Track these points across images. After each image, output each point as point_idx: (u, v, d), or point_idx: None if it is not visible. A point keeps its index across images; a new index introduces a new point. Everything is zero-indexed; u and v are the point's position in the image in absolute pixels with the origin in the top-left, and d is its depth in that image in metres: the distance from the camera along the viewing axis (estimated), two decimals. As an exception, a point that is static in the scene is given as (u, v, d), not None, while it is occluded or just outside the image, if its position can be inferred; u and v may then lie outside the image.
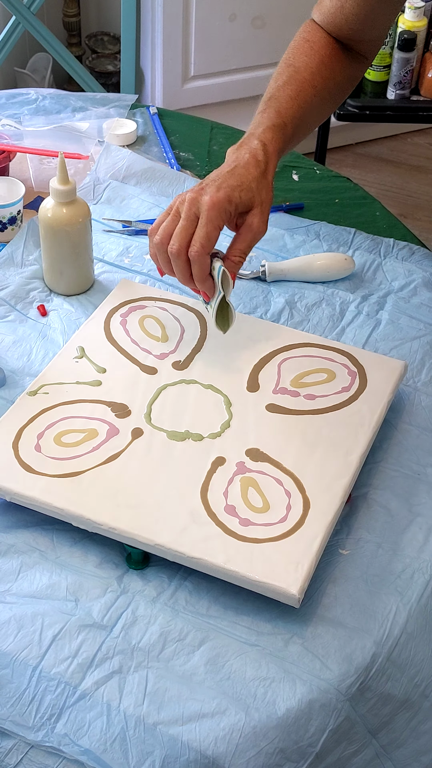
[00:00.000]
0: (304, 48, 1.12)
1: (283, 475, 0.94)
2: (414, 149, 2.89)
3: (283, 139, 1.05)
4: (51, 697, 0.81)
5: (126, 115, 1.47)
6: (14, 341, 1.11)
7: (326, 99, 1.12)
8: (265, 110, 1.06)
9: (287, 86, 1.08)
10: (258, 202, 1.00)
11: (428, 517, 0.95)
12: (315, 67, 1.10)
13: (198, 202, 0.97)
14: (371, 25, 1.12)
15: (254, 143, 1.02)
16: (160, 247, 0.99)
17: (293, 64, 1.10)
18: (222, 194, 0.97)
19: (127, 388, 1.02)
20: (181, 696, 0.81)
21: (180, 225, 0.97)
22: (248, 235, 1.00)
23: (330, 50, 1.12)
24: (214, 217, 0.97)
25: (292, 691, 0.81)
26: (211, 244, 0.97)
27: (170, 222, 0.99)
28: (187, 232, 0.97)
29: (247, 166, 1.00)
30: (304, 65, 1.10)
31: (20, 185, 1.25)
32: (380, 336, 1.13)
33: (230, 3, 2.51)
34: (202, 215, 0.97)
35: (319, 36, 1.13)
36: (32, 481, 0.92)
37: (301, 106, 1.07)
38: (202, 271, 0.98)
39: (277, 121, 1.05)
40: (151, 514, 0.89)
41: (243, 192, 0.99)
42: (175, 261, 0.98)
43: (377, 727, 0.84)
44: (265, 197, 1.00)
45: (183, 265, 0.98)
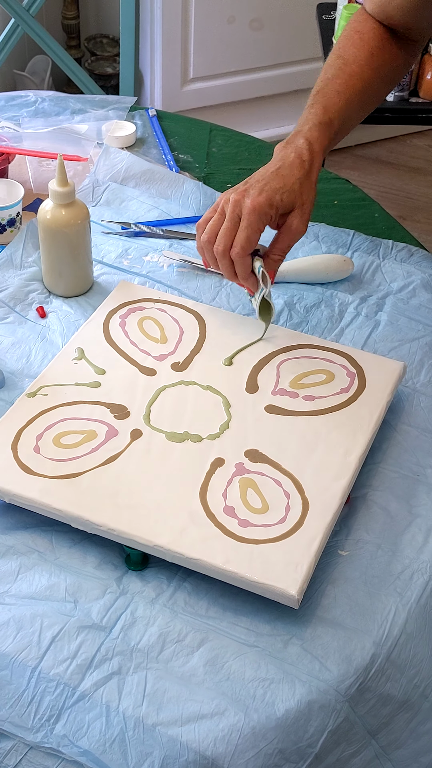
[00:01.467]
0: (353, 39, 1.13)
1: (282, 476, 0.94)
2: (413, 151, 2.90)
3: (328, 137, 1.07)
4: (50, 698, 0.81)
5: (125, 117, 1.47)
6: (13, 343, 1.11)
7: (375, 90, 1.13)
8: (313, 105, 1.08)
9: (335, 79, 1.10)
10: (299, 204, 1.03)
11: (427, 518, 0.95)
12: (364, 59, 1.11)
13: (241, 204, 1.02)
14: (422, 14, 1.12)
15: (300, 142, 1.05)
16: (207, 246, 1.04)
17: (342, 56, 1.12)
18: (263, 198, 1.01)
19: (126, 390, 1.02)
20: (180, 697, 0.81)
21: (224, 226, 1.02)
22: (288, 236, 1.05)
23: (380, 41, 1.13)
24: (255, 221, 1.01)
25: (291, 691, 0.81)
26: (251, 247, 1.02)
27: (216, 221, 1.04)
28: (230, 233, 1.02)
29: (292, 167, 1.03)
30: (353, 57, 1.11)
31: (19, 187, 1.25)
32: (379, 337, 1.13)
33: (229, 5, 2.51)
34: (244, 218, 1.01)
35: (369, 26, 1.14)
36: (31, 482, 0.92)
37: (349, 99, 1.09)
38: (244, 270, 1.04)
39: (324, 118, 1.07)
40: (150, 515, 0.90)
41: (285, 194, 1.02)
42: (221, 260, 1.04)
43: (376, 727, 0.84)
44: (306, 198, 1.04)
45: (228, 264, 1.04)
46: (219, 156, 1.44)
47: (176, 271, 1.21)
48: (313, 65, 2.50)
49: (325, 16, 2.21)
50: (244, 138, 1.48)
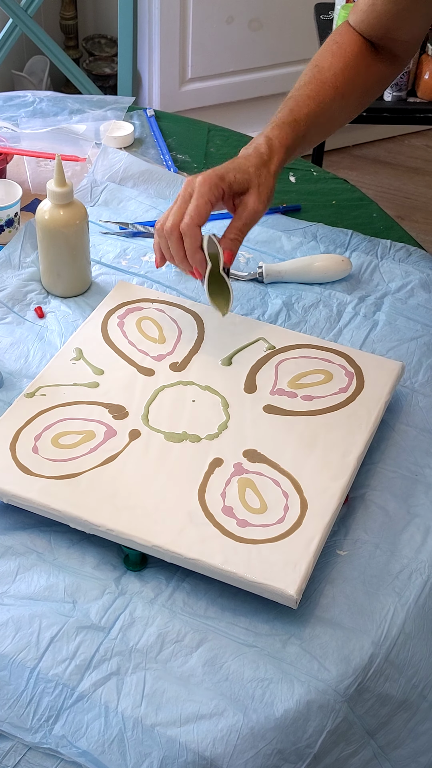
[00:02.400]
0: (332, 49, 1.14)
1: (280, 476, 0.94)
2: (411, 151, 2.90)
3: (293, 136, 1.07)
4: (49, 699, 0.81)
5: (123, 117, 1.47)
6: (11, 343, 1.11)
7: (349, 100, 1.13)
8: (281, 110, 1.09)
9: (307, 86, 1.10)
10: (255, 184, 1.03)
11: (426, 517, 0.95)
12: (339, 68, 1.12)
13: (192, 183, 1.02)
14: (404, 24, 1.12)
15: (260, 140, 1.06)
16: (159, 232, 1.02)
17: (318, 65, 1.12)
18: (214, 173, 1.01)
19: (125, 390, 1.02)
20: (179, 697, 0.81)
21: (176, 205, 1.02)
22: (243, 213, 1.03)
23: (357, 51, 1.13)
24: (206, 192, 1.00)
25: (290, 692, 0.81)
26: (201, 217, 1.00)
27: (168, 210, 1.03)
28: (180, 210, 1.01)
29: (248, 157, 1.04)
30: (329, 65, 1.12)
31: (17, 187, 1.25)
32: (377, 337, 1.13)
33: (227, 5, 2.51)
34: (194, 192, 1.01)
35: (348, 38, 1.14)
36: (30, 482, 0.92)
37: (319, 105, 1.09)
38: (192, 243, 1.00)
39: (288, 118, 1.07)
40: (149, 516, 0.89)
41: (239, 173, 1.02)
42: (170, 238, 1.01)
43: (375, 727, 0.84)
44: (263, 181, 1.03)
45: (176, 242, 1.01)
46: (217, 156, 1.44)
47: (174, 271, 1.21)
48: (311, 65, 2.50)
49: (323, 16, 2.21)
50: (243, 138, 1.48)
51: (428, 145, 2.92)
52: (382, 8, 1.11)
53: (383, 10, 1.11)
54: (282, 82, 2.67)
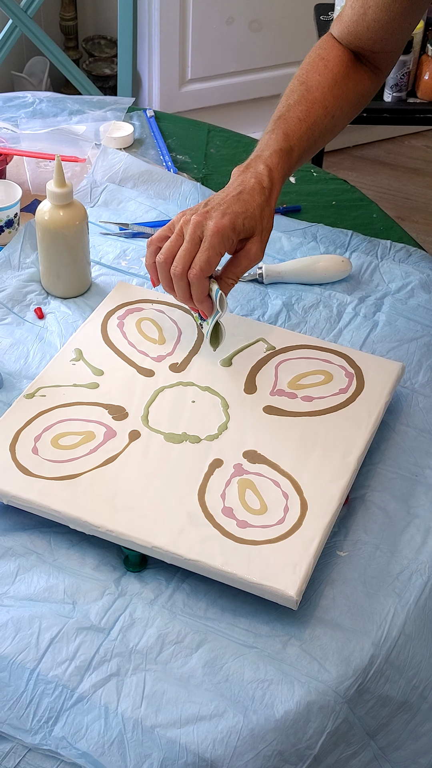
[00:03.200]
0: (318, 66, 1.13)
1: (280, 476, 0.94)
2: (411, 152, 2.90)
3: (288, 164, 1.06)
4: (48, 700, 0.81)
5: (123, 118, 1.47)
6: (11, 344, 1.11)
7: (337, 118, 1.12)
8: (274, 131, 1.07)
9: (298, 106, 1.09)
10: (259, 230, 1.02)
11: (426, 518, 0.95)
12: (327, 86, 1.11)
13: (203, 226, 0.99)
14: (392, 34, 1.12)
15: (260, 168, 1.04)
16: (164, 266, 1.01)
17: (306, 83, 1.11)
18: (227, 221, 0.99)
19: (125, 391, 1.02)
20: (178, 698, 0.81)
21: (184, 247, 0.99)
22: (245, 261, 1.02)
23: (344, 68, 1.13)
24: (217, 244, 0.98)
25: (290, 693, 0.81)
26: (210, 269, 0.99)
27: (174, 242, 1.01)
28: (190, 255, 0.99)
29: (252, 193, 1.02)
30: (317, 84, 1.11)
31: (17, 188, 1.25)
32: (377, 338, 1.13)
33: (227, 6, 2.51)
34: (205, 240, 0.98)
35: (334, 53, 1.13)
36: (29, 483, 0.92)
37: (310, 127, 1.08)
38: (201, 292, 1.00)
39: (285, 144, 1.06)
40: (149, 517, 0.89)
41: (247, 219, 1.00)
42: (177, 282, 1.00)
43: (375, 729, 0.84)
44: (266, 225, 1.03)
45: (184, 286, 1.00)
46: (217, 157, 1.44)
47: (174, 272, 1.21)
48: (311, 66, 2.49)
49: (322, 16, 2.21)
50: (242, 139, 1.48)
51: (428, 145, 2.92)
52: (374, 17, 1.10)
53: (374, 18, 1.10)
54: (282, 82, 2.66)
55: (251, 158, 1.06)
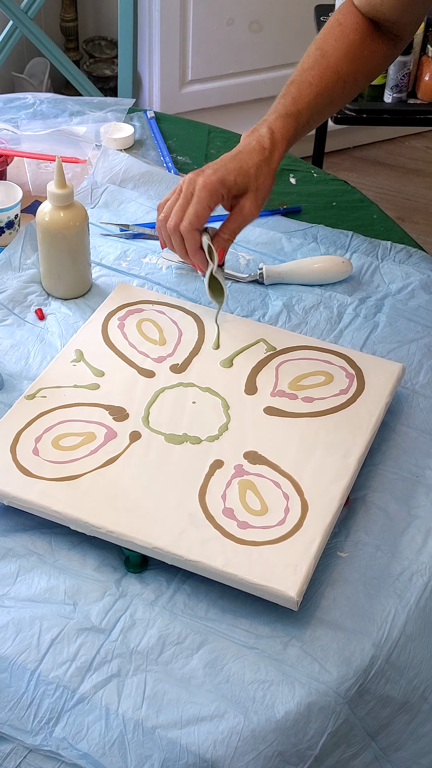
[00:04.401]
0: (334, 32, 1.13)
1: (281, 477, 0.94)
2: (411, 152, 2.90)
3: (295, 127, 1.08)
4: (49, 701, 0.81)
5: (123, 119, 1.47)
6: (12, 345, 1.11)
7: (350, 84, 1.13)
8: (284, 96, 1.10)
9: (310, 71, 1.11)
10: (253, 188, 1.05)
11: (427, 519, 0.95)
12: (342, 52, 1.12)
13: (194, 182, 1.04)
14: (408, 9, 1.12)
15: (263, 130, 1.07)
16: (163, 223, 1.07)
17: (321, 48, 1.12)
18: (216, 177, 1.03)
19: (125, 392, 1.02)
20: (179, 699, 0.81)
21: (177, 203, 1.05)
22: (238, 217, 1.06)
23: (360, 35, 1.13)
24: (205, 197, 1.03)
25: (290, 694, 0.81)
26: (199, 221, 1.04)
27: (173, 200, 1.06)
28: (182, 210, 1.04)
29: (251, 153, 1.05)
30: (332, 49, 1.12)
31: (18, 189, 1.25)
32: (378, 338, 1.13)
33: (228, 7, 2.51)
34: (195, 194, 1.04)
35: (352, 19, 1.14)
36: (30, 484, 0.92)
37: (321, 92, 1.10)
38: (192, 245, 1.05)
39: (292, 108, 1.08)
40: (150, 517, 0.89)
41: (239, 176, 1.04)
42: (172, 235, 1.06)
43: (376, 729, 0.84)
44: (261, 183, 1.06)
45: (178, 240, 1.06)
46: (217, 157, 1.43)
47: (175, 273, 1.21)
48: (312, 67, 2.49)
49: (323, 17, 2.21)
50: (243, 140, 1.48)
51: (428, 146, 2.92)
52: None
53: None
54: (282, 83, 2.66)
55: (259, 122, 1.08)
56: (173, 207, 1.06)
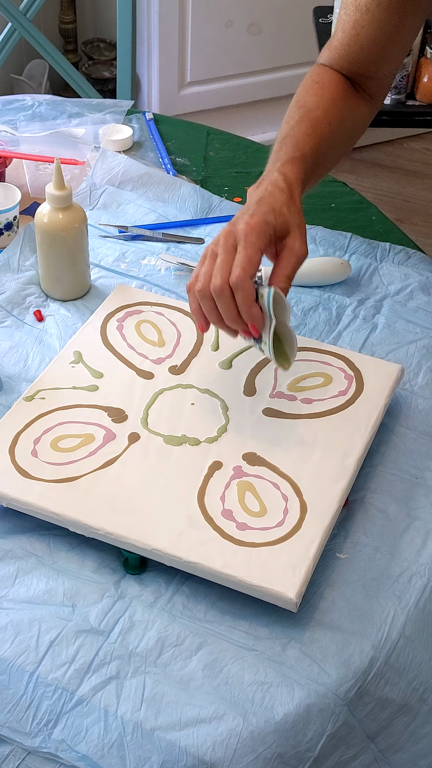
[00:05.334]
0: (313, 89, 1.09)
1: (280, 479, 0.94)
2: (410, 154, 2.90)
3: (303, 170, 1.00)
4: (48, 703, 0.81)
5: (122, 120, 1.47)
6: (11, 347, 1.11)
7: (340, 138, 1.08)
8: (281, 148, 1.01)
9: (301, 124, 1.04)
10: (294, 225, 0.94)
11: (426, 520, 0.94)
12: (327, 105, 1.07)
13: (234, 233, 0.92)
14: (386, 54, 1.09)
15: (274, 176, 0.98)
16: (204, 293, 0.91)
17: (304, 105, 1.06)
18: (258, 218, 0.92)
19: (124, 393, 1.02)
20: (178, 701, 0.81)
21: (220, 260, 0.90)
22: (291, 258, 0.94)
23: (340, 89, 1.09)
24: (255, 240, 0.90)
25: (290, 695, 0.81)
26: (253, 267, 0.90)
27: (208, 264, 0.92)
28: (227, 265, 0.90)
29: (273, 195, 0.95)
30: (316, 104, 1.07)
31: (16, 191, 1.25)
32: (377, 340, 1.13)
33: (226, 9, 2.52)
34: (240, 241, 0.90)
35: (328, 76, 1.10)
36: (29, 486, 0.92)
37: (318, 141, 1.03)
38: (247, 297, 0.89)
39: (296, 153, 1.00)
40: (148, 519, 0.89)
41: (277, 216, 0.93)
42: (219, 297, 0.89)
43: (375, 731, 0.84)
44: (299, 220, 0.95)
45: (228, 301, 0.90)
46: (216, 159, 1.44)
47: (174, 275, 1.21)
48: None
49: (321, 19, 2.21)
50: (242, 141, 1.48)
51: (427, 148, 2.92)
52: (367, 36, 1.07)
53: (368, 38, 1.07)
54: (281, 85, 2.67)
55: (263, 174, 0.99)
56: (210, 271, 0.91)
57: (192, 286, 0.93)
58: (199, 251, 1.25)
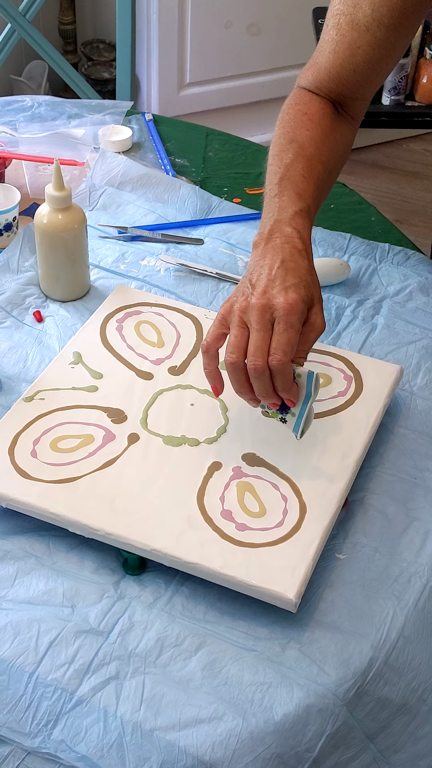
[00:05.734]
0: (303, 121, 1.05)
1: (279, 479, 0.94)
2: (409, 155, 2.90)
3: (311, 222, 0.97)
4: (48, 704, 0.81)
5: (121, 121, 1.47)
6: (10, 347, 1.11)
7: (332, 171, 1.06)
8: (283, 193, 0.97)
9: (296, 164, 1.00)
10: (317, 299, 0.92)
11: (425, 521, 0.95)
12: (318, 139, 1.03)
13: (271, 308, 0.88)
14: (377, 75, 1.06)
15: (287, 230, 0.94)
16: (238, 366, 0.89)
17: (296, 140, 1.02)
18: (296, 295, 0.89)
19: (124, 394, 1.02)
20: (178, 701, 0.81)
21: (256, 336, 0.88)
22: (312, 334, 0.92)
23: (329, 120, 1.06)
24: (295, 322, 0.88)
25: (289, 696, 0.81)
26: (293, 350, 0.88)
27: (240, 336, 0.90)
28: (266, 344, 0.88)
29: (294, 259, 0.92)
30: (308, 140, 1.03)
31: (16, 192, 1.25)
32: (376, 340, 1.13)
33: (226, 10, 2.52)
34: (281, 321, 0.88)
35: (315, 106, 1.07)
36: (28, 487, 0.92)
37: (316, 184, 1.00)
38: (288, 380, 0.89)
39: (302, 205, 0.97)
40: (148, 520, 0.89)
41: (306, 289, 0.90)
42: (259, 377, 0.88)
43: (375, 731, 0.84)
44: (319, 292, 0.93)
45: (266, 381, 0.89)
46: (215, 160, 1.44)
47: (173, 275, 1.22)
48: (310, 69, 2.50)
49: (320, 20, 2.21)
50: (241, 142, 1.49)
51: (426, 149, 2.92)
52: (363, 57, 1.03)
53: (364, 59, 1.03)
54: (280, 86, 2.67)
55: (271, 224, 0.95)
56: (243, 344, 0.89)
57: (210, 347, 0.92)
58: (198, 252, 1.25)
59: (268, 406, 0.92)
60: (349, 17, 1.02)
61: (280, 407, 0.92)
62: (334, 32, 1.04)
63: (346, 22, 1.03)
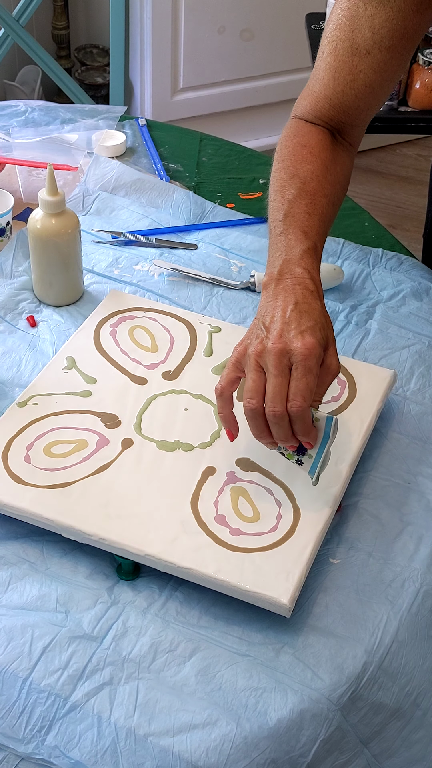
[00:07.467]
0: (303, 155, 1.02)
1: (273, 484, 0.94)
2: (402, 160, 2.91)
3: (318, 264, 0.96)
4: (41, 709, 0.81)
5: (115, 126, 1.47)
6: (3, 352, 1.11)
7: (335, 204, 1.04)
8: (289, 231, 0.96)
9: (300, 201, 0.98)
10: (332, 341, 0.91)
11: (419, 525, 0.95)
12: (320, 173, 1.01)
13: (289, 352, 0.87)
14: (377, 100, 1.05)
15: (297, 271, 0.93)
16: (257, 412, 0.88)
17: (297, 174, 1.00)
18: (313, 339, 0.88)
19: (117, 399, 1.02)
20: (172, 707, 0.81)
21: (275, 383, 0.87)
22: (327, 377, 0.90)
23: (329, 152, 1.04)
24: (313, 366, 0.87)
25: (283, 701, 0.81)
26: (312, 395, 0.88)
27: (257, 380, 0.88)
28: (284, 389, 0.87)
29: (307, 301, 0.91)
30: (310, 174, 1.01)
31: (9, 197, 1.25)
32: (369, 345, 1.14)
33: (219, 15, 2.52)
34: (299, 366, 0.87)
35: (315, 138, 1.04)
36: (22, 492, 0.92)
37: (321, 219, 0.99)
38: (307, 425, 0.89)
39: (309, 243, 0.95)
40: (142, 525, 0.89)
41: (322, 331, 0.90)
42: (278, 422, 0.88)
43: (369, 736, 0.84)
44: (333, 334, 0.92)
45: (286, 426, 0.88)
46: (209, 165, 1.44)
47: (167, 280, 1.22)
48: (303, 75, 2.51)
49: (314, 26, 2.22)
50: (234, 147, 1.49)
51: (419, 154, 2.93)
52: (364, 81, 1.01)
53: (365, 83, 1.01)
54: (273, 91, 2.68)
55: (279, 264, 0.93)
56: (261, 388, 0.88)
57: (225, 391, 0.92)
58: (192, 257, 1.25)
59: (284, 447, 0.92)
60: (348, 42, 1.00)
61: (297, 449, 0.92)
62: (332, 58, 1.02)
63: (344, 48, 1.00)
